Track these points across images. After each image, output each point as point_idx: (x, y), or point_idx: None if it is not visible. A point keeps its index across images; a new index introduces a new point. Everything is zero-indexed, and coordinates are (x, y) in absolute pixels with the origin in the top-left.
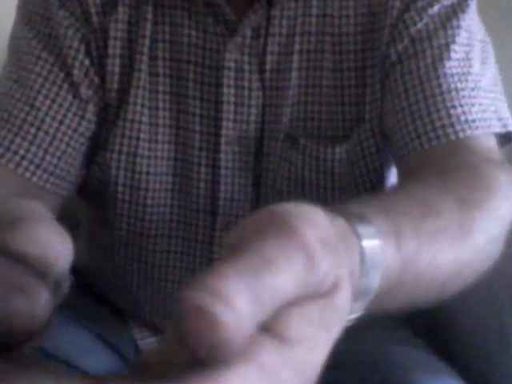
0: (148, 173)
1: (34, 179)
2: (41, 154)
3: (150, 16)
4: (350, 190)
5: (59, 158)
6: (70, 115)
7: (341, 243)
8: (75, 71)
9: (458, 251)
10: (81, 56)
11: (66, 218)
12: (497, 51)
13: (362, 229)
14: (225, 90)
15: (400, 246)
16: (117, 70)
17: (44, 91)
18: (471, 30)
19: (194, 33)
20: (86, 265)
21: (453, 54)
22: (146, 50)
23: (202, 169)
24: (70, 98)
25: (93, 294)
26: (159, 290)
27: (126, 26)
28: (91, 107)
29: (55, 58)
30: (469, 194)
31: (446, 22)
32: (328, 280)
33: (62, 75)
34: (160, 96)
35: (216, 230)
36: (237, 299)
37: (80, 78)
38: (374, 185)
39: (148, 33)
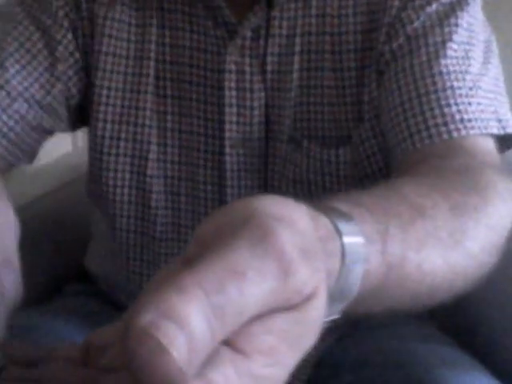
0: (154, 176)
1: None
2: None
3: (154, 21)
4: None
5: (16, 122)
6: (36, 86)
7: (320, 244)
8: (58, 47)
9: (448, 258)
10: (69, 36)
11: (79, 230)
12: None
13: (344, 227)
14: (226, 92)
15: (385, 249)
16: (118, 69)
17: (17, 56)
18: (472, 29)
19: (194, 36)
20: (102, 273)
21: (450, 52)
22: (152, 54)
23: (208, 172)
24: (41, 69)
25: (109, 302)
26: None
27: (126, 27)
28: (65, 86)
29: (36, 28)
30: (464, 200)
31: (444, 19)
32: (304, 291)
33: (39, 46)
34: (162, 100)
35: None
36: (193, 320)
37: (62, 55)
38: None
39: (154, 37)
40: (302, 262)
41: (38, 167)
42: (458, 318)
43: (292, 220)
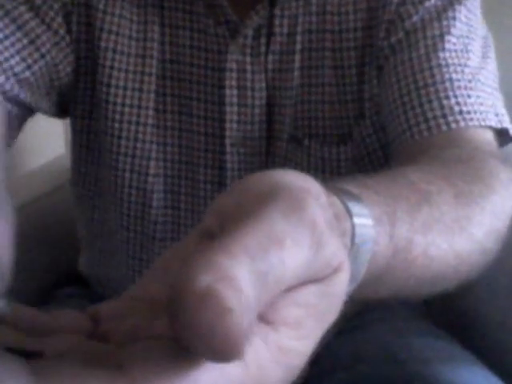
0: (155, 175)
1: None
2: None
3: (156, 18)
4: None
5: None
6: (17, 58)
7: (336, 222)
8: (46, 26)
9: (453, 244)
10: (59, 19)
11: (74, 235)
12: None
13: (354, 207)
14: (227, 91)
15: (393, 232)
16: (120, 66)
17: (0, 24)
18: (471, 23)
19: (195, 35)
20: (96, 275)
21: (448, 45)
22: (154, 52)
23: (209, 171)
24: (25, 41)
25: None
26: None
27: (128, 24)
28: (50, 66)
29: (25, 2)
30: (468, 187)
31: (442, 13)
32: (332, 264)
33: (26, 17)
34: (161, 99)
35: None
36: (244, 283)
37: (50, 34)
38: None
39: (156, 36)
40: (331, 235)
41: (30, 170)
42: (453, 313)
43: (317, 193)
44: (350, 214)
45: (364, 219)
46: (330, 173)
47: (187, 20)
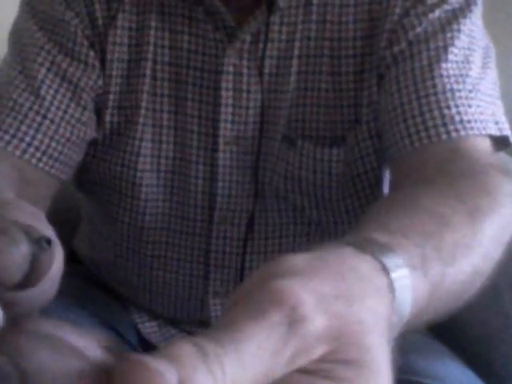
0: (150, 170)
1: (40, 165)
2: (47, 141)
3: (153, 23)
4: (347, 188)
5: (64, 145)
6: (72, 105)
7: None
8: (81, 64)
9: (473, 262)
10: (84, 50)
11: (69, 213)
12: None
13: (390, 262)
14: (223, 92)
15: (427, 272)
16: (115, 73)
17: (47, 81)
18: (473, 35)
19: (193, 39)
20: (90, 255)
21: (451, 57)
22: (149, 55)
23: (200, 167)
24: (72, 88)
25: (96, 283)
26: (157, 280)
27: (127, 32)
28: (91, 97)
29: (59, 50)
30: (478, 202)
31: (446, 26)
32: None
33: (64, 66)
34: (159, 99)
35: (213, 223)
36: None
37: (85, 69)
38: (371, 183)
39: (152, 39)
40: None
41: None
42: None
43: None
44: (386, 270)
45: (400, 271)
46: (321, 173)
47: (186, 25)
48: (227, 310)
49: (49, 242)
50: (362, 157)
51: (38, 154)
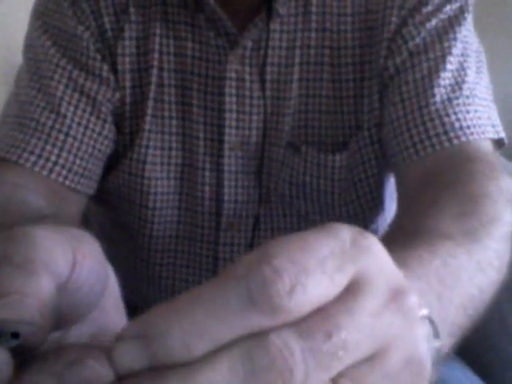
0: (157, 178)
1: (67, 183)
2: (71, 158)
3: (158, 31)
4: (349, 193)
5: (87, 161)
6: (93, 119)
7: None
8: (97, 78)
9: (480, 284)
10: (98, 63)
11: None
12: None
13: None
14: (227, 98)
15: (447, 318)
16: (128, 84)
17: (67, 98)
18: (466, 40)
19: (196, 46)
20: None
21: (448, 66)
22: (155, 62)
23: (207, 173)
24: (91, 102)
25: None
26: (166, 288)
27: (135, 42)
28: (110, 109)
29: (73, 66)
30: (480, 220)
31: (443, 34)
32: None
33: (80, 81)
34: (167, 106)
35: (220, 230)
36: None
37: (98, 83)
38: (372, 189)
39: (157, 47)
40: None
41: None
42: None
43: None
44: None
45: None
46: (324, 179)
47: (189, 32)
48: None
49: (15, 335)
50: (363, 162)
51: (64, 172)
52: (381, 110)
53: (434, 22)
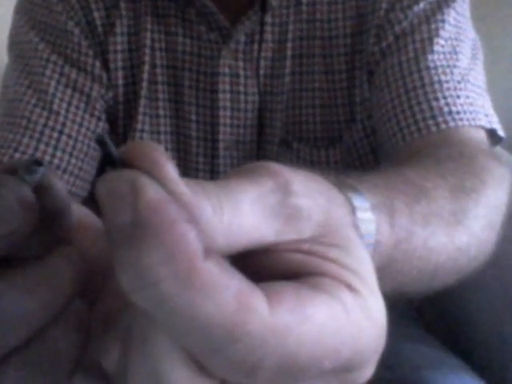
0: None
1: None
2: (66, 157)
3: (149, 26)
4: None
5: (83, 161)
6: (87, 117)
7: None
8: (88, 74)
9: (452, 236)
10: (90, 60)
11: None
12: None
13: (357, 200)
14: (220, 95)
15: (394, 222)
16: (120, 82)
17: (59, 94)
18: (460, 25)
19: (188, 41)
20: None
21: (437, 48)
22: (147, 58)
23: (201, 174)
24: (84, 99)
25: None
26: None
27: (126, 38)
28: (103, 107)
29: (64, 61)
30: (462, 182)
31: (430, 17)
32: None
33: (73, 77)
34: (160, 104)
35: None
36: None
37: (91, 79)
38: None
39: (148, 42)
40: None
41: None
42: (444, 319)
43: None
44: (352, 208)
45: (366, 212)
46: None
47: (180, 26)
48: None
49: (38, 163)
50: (359, 157)
51: (59, 173)
52: (371, 98)
53: (421, 4)
